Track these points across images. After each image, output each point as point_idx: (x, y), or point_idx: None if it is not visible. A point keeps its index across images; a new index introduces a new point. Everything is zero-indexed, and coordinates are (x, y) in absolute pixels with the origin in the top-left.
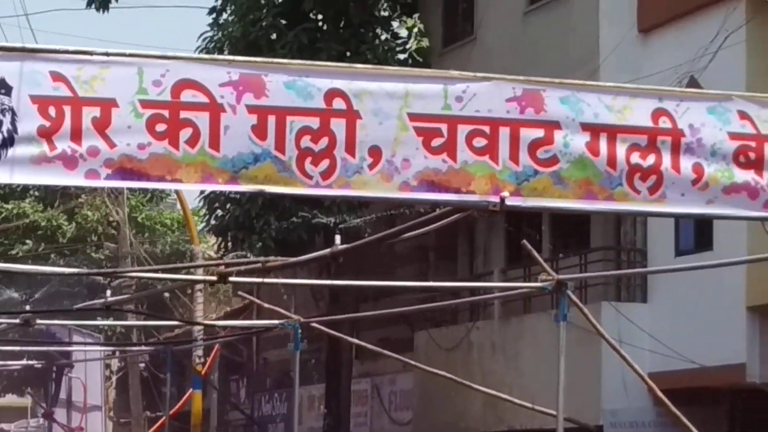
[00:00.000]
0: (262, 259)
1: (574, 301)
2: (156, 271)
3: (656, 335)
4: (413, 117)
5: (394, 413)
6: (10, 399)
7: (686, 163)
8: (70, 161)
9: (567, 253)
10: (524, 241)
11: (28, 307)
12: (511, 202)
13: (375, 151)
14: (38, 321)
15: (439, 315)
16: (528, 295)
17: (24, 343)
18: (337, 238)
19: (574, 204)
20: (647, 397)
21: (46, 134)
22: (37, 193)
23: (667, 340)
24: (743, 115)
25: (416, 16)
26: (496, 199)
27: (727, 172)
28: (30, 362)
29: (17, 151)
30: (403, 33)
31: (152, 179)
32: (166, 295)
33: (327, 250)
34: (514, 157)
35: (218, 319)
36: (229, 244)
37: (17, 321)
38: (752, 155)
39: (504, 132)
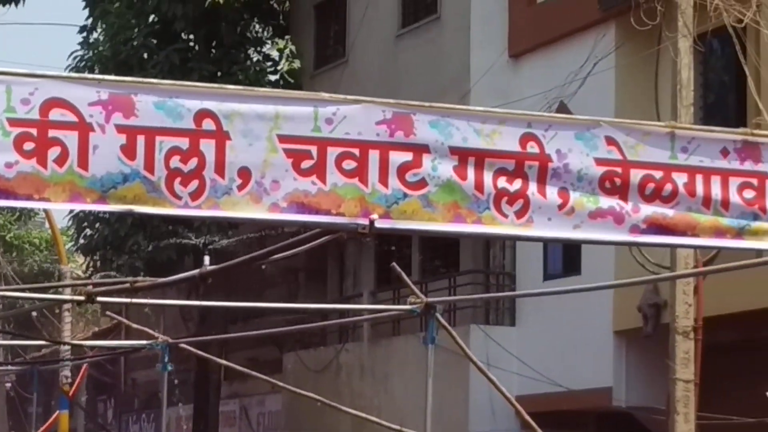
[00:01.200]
0: (130, 279)
1: (442, 323)
2: (23, 290)
3: (524, 358)
4: (283, 139)
5: None
6: None
7: (553, 188)
8: None
9: (436, 276)
10: (393, 264)
11: None
12: (380, 224)
13: (244, 173)
14: None
15: (309, 337)
16: (397, 317)
17: None
18: (206, 259)
19: (442, 227)
20: (515, 420)
21: None
22: None
23: (535, 363)
24: (610, 140)
25: (288, 37)
26: (365, 221)
27: (593, 197)
28: None
29: None
30: (275, 54)
31: (20, 198)
32: (34, 314)
33: (196, 271)
34: (383, 180)
35: (86, 339)
36: (98, 263)
37: None
38: (618, 181)
39: (374, 155)
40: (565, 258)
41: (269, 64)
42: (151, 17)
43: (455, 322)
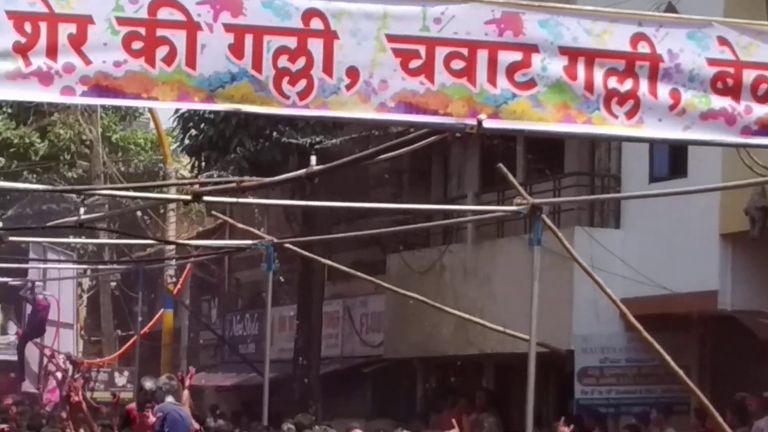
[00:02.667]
0: (236, 178)
1: (548, 225)
2: (129, 189)
3: (629, 261)
4: (391, 38)
5: (365, 335)
6: None
7: (664, 89)
8: (45, 78)
9: (541, 177)
10: (500, 165)
11: (0, 224)
12: (488, 124)
13: (353, 72)
14: (10, 238)
15: (412, 238)
16: (501, 219)
17: None
18: (313, 159)
19: (552, 127)
20: (618, 323)
21: (22, 50)
22: (9, 111)
23: (640, 266)
24: (722, 41)
25: None
26: (473, 121)
27: (705, 98)
28: (2, 279)
29: None
30: None
31: (128, 97)
32: (139, 214)
33: (302, 171)
34: (491, 79)
35: (191, 238)
36: (203, 163)
37: None
38: (730, 81)
39: (482, 55)
40: (672, 160)
41: None
42: None
43: (560, 224)
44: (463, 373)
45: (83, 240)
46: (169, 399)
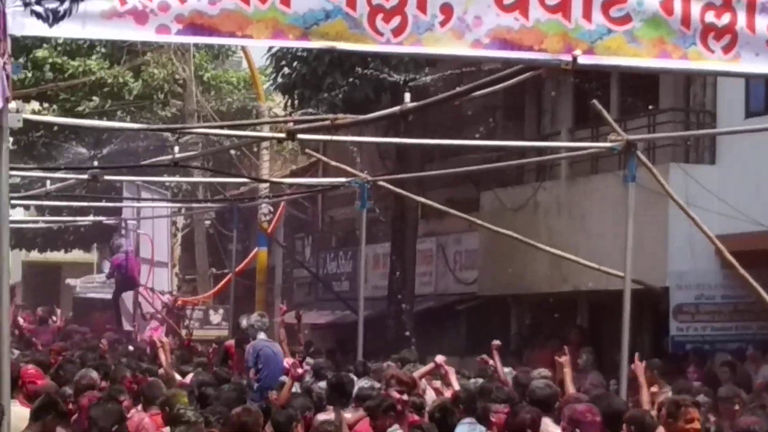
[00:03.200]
0: (330, 116)
1: (643, 161)
2: (223, 127)
3: (724, 197)
4: None
5: (458, 273)
6: (77, 254)
7: (762, 23)
8: (140, 16)
9: (635, 114)
10: (594, 101)
11: (95, 163)
12: (583, 60)
13: (446, 8)
14: (105, 177)
15: (506, 175)
16: (596, 155)
17: (91, 199)
18: (407, 96)
19: (647, 63)
20: (714, 260)
21: None
22: (103, 50)
23: (735, 202)
24: None
25: None
26: (568, 57)
27: None
28: (98, 218)
29: (88, 5)
30: None
31: (223, 35)
32: (233, 152)
33: (397, 108)
34: (587, 15)
35: (284, 177)
36: (296, 102)
37: (85, 176)
38: None
39: None
40: None
41: None
42: None
43: (655, 161)
44: (557, 310)
45: (177, 179)
46: (261, 336)
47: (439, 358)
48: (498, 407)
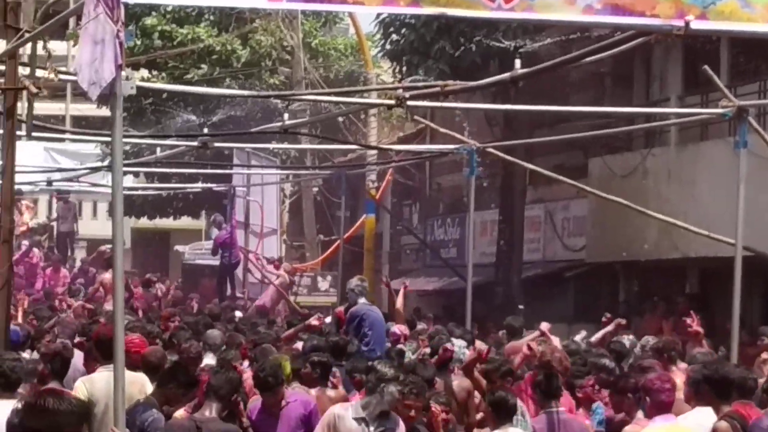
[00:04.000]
0: (440, 83)
1: (754, 127)
2: (332, 94)
3: None
4: None
5: (567, 239)
6: (186, 221)
7: None
8: None
9: (747, 79)
10: (705, 67)
11: (205, 131)
12: (696, 25)
13: None
14: (215, 144)
15: (614, 141)
16: (706, 121)
17: (200, 166)
18: (517, 62)
19: (761, 27)
20: None
21: None
22: (211, 18)
23: None
24: None
25: None
26: (680, 22)
27: None
28: (207, 185)
29: None
30: None
31: (334, 1)
32: (340, 119)
33: (507, 74)
34: None
35: (391, 143)
36: (403, 68)
37: (195, 144)
38: None
39: None
40: None
41: None
42: None
43: (766, 127)
44: (666, 277)
45: (286, 145)
46: (362, 300)
47: (544, 326)
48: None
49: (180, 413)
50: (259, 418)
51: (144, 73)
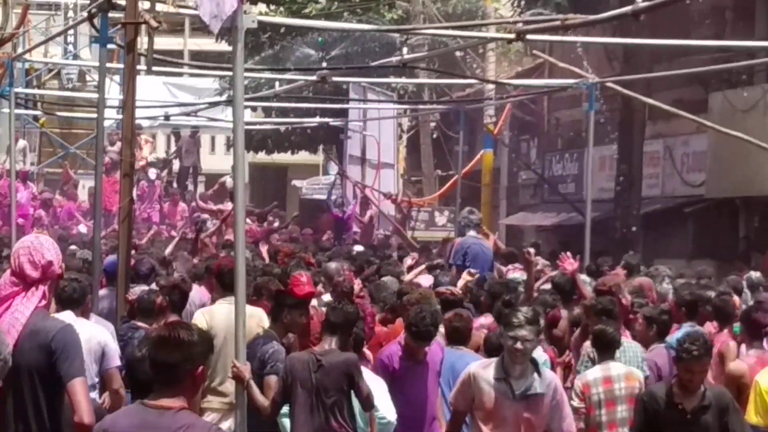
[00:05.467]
0: (561, 16)
1: None
2: (451, 29)
3: None
4: None
5: (686, 175)
6: (303, 156)
7: None
8: None
9: None
10: None
11: (324, 65)
12: None
13: None
14: (333, 78)
15: (735, 76)
16: None
17: (319, 101)
18: None
19: None
20: None
21: None
22: None
23: None
24: None
25: None
26: None
27: None
28: (324, 120)
29: None
30: None
31: None
32: (458, 54)
33: (628, 8)
34: None
35: (509, 78)
36: (522, 2)
37: (314, 78)
38: None
39: None
40: None
41: None
42: None
43: None
44: None
45: (404, 80)
46: (471, 233)
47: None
48: None
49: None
50: (403, 366)
51: (262, 7)
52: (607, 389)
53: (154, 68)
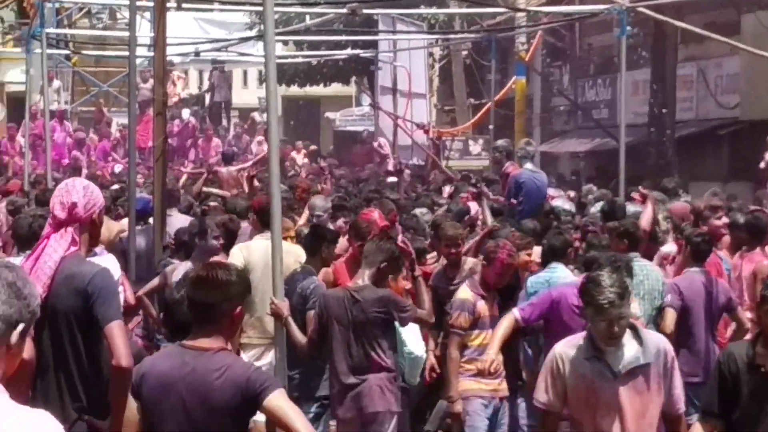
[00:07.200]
0: None
1: None
2: None
3: None
4: None
5: (719, 97)
6: (336, 88)
7: None
8: None
9: None
10: None
11: None
12: None
13: None
14: (364, 10)
15: None
16: None
17: (349, 33)
18: None
19: None
20: None
21: None
22: None
23: None
24: None
25: None
26: None
27: None
28: (354, 51)
29: None
30: None
31: None
32: None
33: None
34: None
35: (540, 5)
36: None
37: (344, 11)
38: None
39: None
40: None
41: None
42: None
43: None
44: None
45: (434, 10)
46: (528, 166)
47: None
48: None
49: None
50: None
51: None
52: None
53: (184, 4)
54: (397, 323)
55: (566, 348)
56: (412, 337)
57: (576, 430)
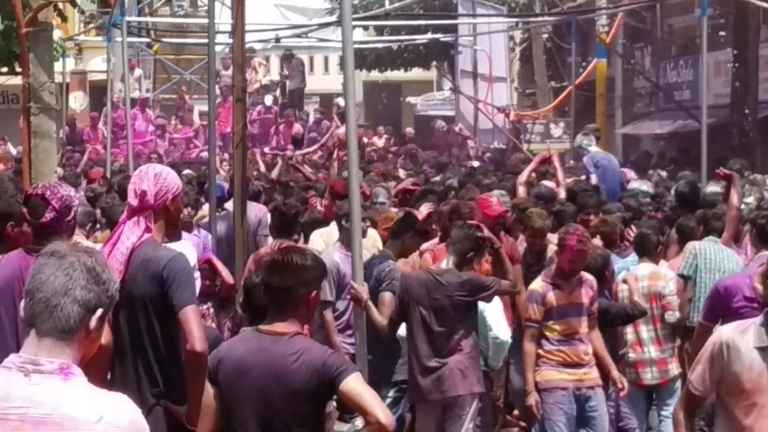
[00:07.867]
0: None
1: None
2: None
3: None
4: None
5: None
6: (416, 73)
7: None
8: None
9: None
10: None
11: None
12: None
13: None
14: None
15: None
16: None
17: (429, 17)
18: None
19: None
20: None
21: None
22: None
23: None
24: None
25: None
26: None
27: None
28: (435, 36)
29: None
30: None
31: None
32: None
33: None
34: None
35: None
36: None
37: None
38: None
39: None
40: None
41: None
42: None
43: None
44: None
45: None
46: (593, 149)
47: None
48: None
49: None
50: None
51: None
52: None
53: None
54: (479, 306)
55: (734, 334)
56: (497, 322)
57: (725, 417)
